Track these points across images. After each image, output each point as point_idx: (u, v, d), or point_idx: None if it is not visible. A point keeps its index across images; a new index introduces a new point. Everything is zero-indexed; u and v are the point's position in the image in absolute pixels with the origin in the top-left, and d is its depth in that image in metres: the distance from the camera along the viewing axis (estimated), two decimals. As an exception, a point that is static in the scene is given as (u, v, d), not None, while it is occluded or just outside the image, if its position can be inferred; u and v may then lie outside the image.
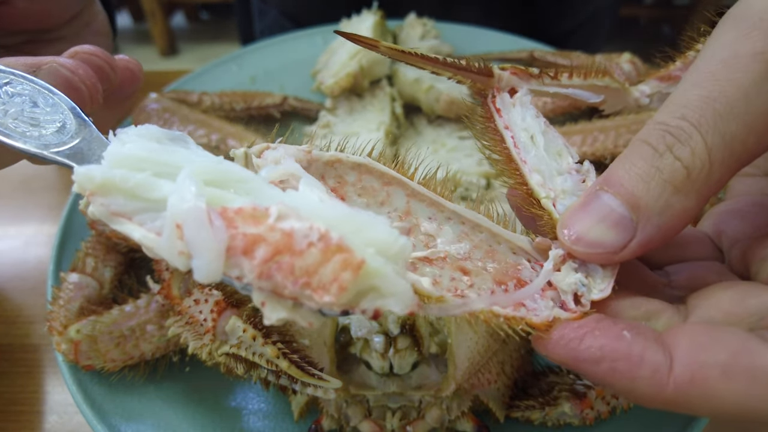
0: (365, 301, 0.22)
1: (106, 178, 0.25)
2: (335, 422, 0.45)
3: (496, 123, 0.33)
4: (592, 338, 0.26)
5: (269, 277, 0.22)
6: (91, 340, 0.48)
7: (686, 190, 0.26)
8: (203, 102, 0.74)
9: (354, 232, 0.23)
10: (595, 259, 0.28)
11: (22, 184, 0.85)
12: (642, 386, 0.24)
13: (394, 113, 0.71)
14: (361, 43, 0.33)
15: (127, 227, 0.24)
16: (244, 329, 0.40)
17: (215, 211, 0.22)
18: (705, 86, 0.26)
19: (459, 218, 0.31)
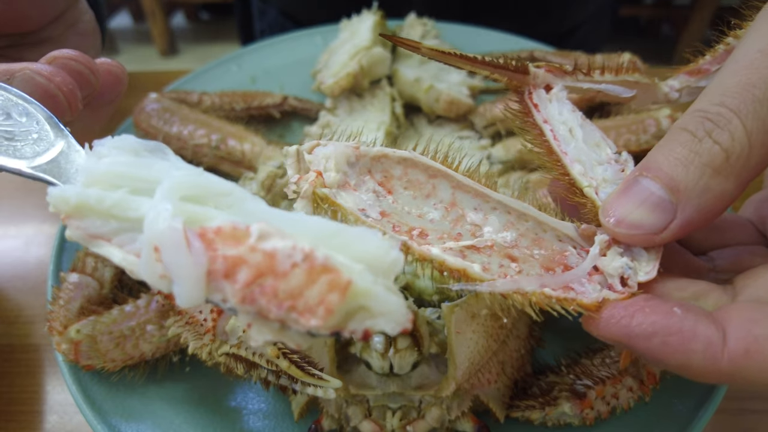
0: (353, 322, 0.21)
1: (81, 201, 0.23)
2: (335, 422, 0.45)
3: (534, 117, 0.34)
4: (642, 315, 0.26)
5: (252, 301, 0.21)
6: (91, 340, 0.48)
7: (726, 172, 0.27)
8: (203, 102, 0.74)
9: (343, 247, 0.22)
10: (637, 241, 0.29)
11: (23, 184, 0.85)
12: (696, 360, 0.25)
13: (394, 113, 0.71)
14: (403, 45, 0.34)
15: (106, 250, 0.24)
16: (244, 329, 0.40)
17: (193, 233, 0.21)
18: (744, 74, 0.27)
19: (505, 208, 0.32)
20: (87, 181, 0.25)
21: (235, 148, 0.64)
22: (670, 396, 0.47)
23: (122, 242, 0.24)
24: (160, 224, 0.21)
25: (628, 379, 0.45)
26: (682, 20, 2.72)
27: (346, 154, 0.31)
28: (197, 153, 0.65)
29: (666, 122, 0.61)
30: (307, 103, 0.79)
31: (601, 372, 0.46)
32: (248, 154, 0.64)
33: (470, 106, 0.70)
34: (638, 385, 0.45)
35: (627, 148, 0.60)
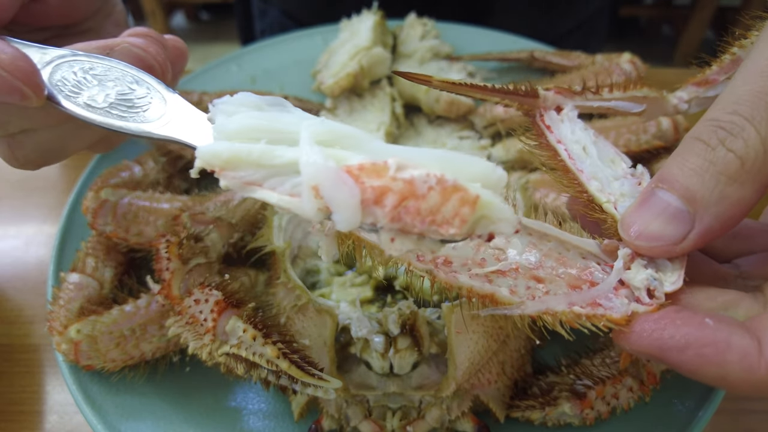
0: (480, 228, 0.25)
1: (232, 154, 0.27)
2: (335, 422, 0.45)
3: (548, 139, 0.35)
4: (674, 327, 0.26)
5: (400, 220, 0.25)
6: (91, 340, 0.48)
7: (741, 179, 0.27)
8: (203, 102, 0.74)
9: (459, 170, 0.26)
10: (658, 253, 0.29)
11: (23, 184, 0.85)
12: (733, 371, 0.24)
13: (394, 113, 0.71)
14: (414, 79, 0.35)
15: (262, 193, 0.27)
16: (244, 329, 0.40)
17: (342, 170, 0.25)
18: (755, 82, 0.27)
19: (526, 230, 0.33)
20: (223, 137, 0.28)
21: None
22: (670, 396, 0.47)
23: (273, 185, 0.27)
24: (317, 166, 0.25)
25: (628, 379, 0.45)
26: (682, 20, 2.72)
27: None
28: (197, 153, 0.65)
29: (666, 123, 0.61)
30: (307, 104, 0.79)
31: (601, 372, 0.46)
32: (248, 154, 0.64)
33: (470, 107, 0.70)
34: (638, 385, 0.45)
35: (627, 148, 0.60)
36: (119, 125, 0.31)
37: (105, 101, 0.31)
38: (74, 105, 0.31)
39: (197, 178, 0.73)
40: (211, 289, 0.44)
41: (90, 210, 0.56)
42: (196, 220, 0.52)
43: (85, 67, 0.32)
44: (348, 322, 0.45)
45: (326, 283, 0.55)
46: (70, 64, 0.32)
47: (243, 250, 0.55)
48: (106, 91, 0.32)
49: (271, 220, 0.54)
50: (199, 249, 0.49)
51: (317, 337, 0.45)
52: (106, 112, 0.31)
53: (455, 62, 0.80)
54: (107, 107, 0.31)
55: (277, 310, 0.49)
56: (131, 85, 0.33)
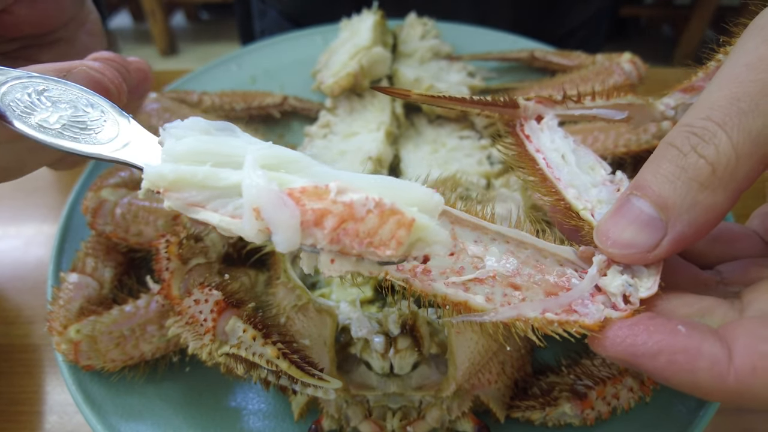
0: (416, 250, 0.27)
1: (177, 176, 0.28)
2: (335, 422, 0.45)
3: (527, 148, 0.35)
4: (647, 334, 0.26)
5: (339, 241, 0.26)
6: (90, 340, 0.48)
7: (713, 186, 0.27)
8: (203, 102, 0.74)
9: (397, 195, 0.27)
10: (631, 260, 0.29)
11: (22, 185, 0.85)
12: (703, 378, 0.24)
13: (395, 113, 0.71)
14: (394, 94, 0.35)
15: (204, 215, 0.28)
16: (244, 329, 0.40)
17: (284, 193, 0.26)
18: (729, 88, 0.27)
19: (503, 238, 0.33)
20: (171, 159, 0.28)
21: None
22: (671, 396, 0.47)
23: (216, 207, 0.28)
24: (259, 188, 0.26)
25: (628, 379, 0.45)
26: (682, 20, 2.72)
27: None
28: (197, 153, 0.64)
29: (666, 124, 0.61)
30: (307, 103, 0.79)
31: (602, 372, 0.46)
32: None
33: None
34: (639, 385, 0.45)
35: (627, 148, 0.60)
36: (70, 147, 0.31)
37: (58, 122, 0.32)
38: (26, 126, 0.31)
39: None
40: (210, 289, 0.43)
41: (89, 210, 0.56)
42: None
43: (39, 89, 0.33)
44: (348, 322, 0.45)
45: (326, 283, 0.54)
46: (24, 86, 0.33)
47: (243, 250, 0.55)
48: (59, 113, 0.32)
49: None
50: (198, 249, 0.49)
51: (317, 337, 0.45)
52: (59, 133, 0.32)
53: (455, 62, 0.80)
54: (60, 128, 0.32)
55: (277, 310, 0.49)
56: (85, 108, 0.33)
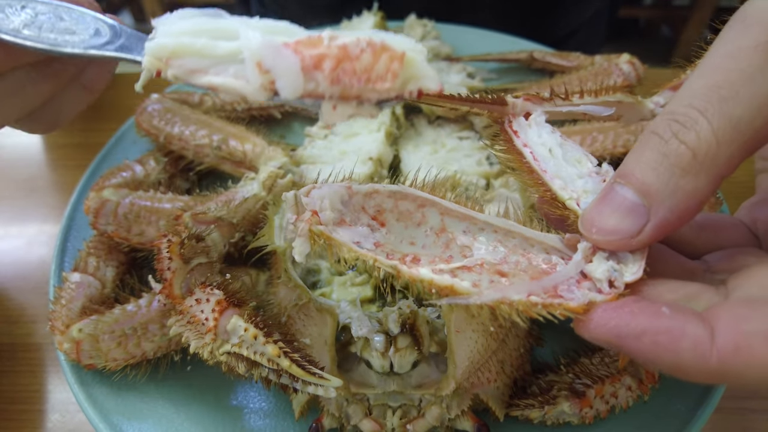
0: (410, 85, 0.29)
1: (177, 44, 0.30)
2: (336, 421, 0.45)
3: (514, 143, 0.36)
4: (631, 316, 0.26)
5: (339, 81, 0.28)
6: (92, 340, 0.48)
7: (694, 171, 0.27)
8: (204, 103, 0.74)
9: (386, 39, 0.28)
10: (615, 246, 0.30)
11: (25, 184, 0.85)
12: (686, 359, 0.25)
13: (395, 113, 0.72)
14: None
15: (208, 79, 0.29)
16: (245, 328, 0.40)
17: (281, 44, 0.28)
18: (710, 76, 0.28)
19: (491, 227, 0.34)
20: (170, 36, 0.30)
21: (237, 148, 0.65)
22: (669, 395, 0.48)
23: (217, 72, 0.30)
24: (259, 42, 0.28)
25: (626, 378, 0.45)
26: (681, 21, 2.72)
27: (340, 193, 0.33)
28: (199, 153, 0.65)
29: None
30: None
31: (600, 371, 0.46)
32: (249, 155, 0.64)
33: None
34: (637, 384, 0.45)
35: (626, 148, 0.60)
36: (53, 49, 0.32)
37: (36, 27, 0.33)
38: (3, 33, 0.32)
39: (198, 179, 0.73)
40: (212, 289, 0.44)
41: (92, 210, 0.56)
42: (198, 219, 0.52)
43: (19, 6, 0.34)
44: (348, 321, 0.46)
45: (327, 283, 0.55)
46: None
47: (244, 250, 0.56)
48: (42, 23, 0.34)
49: (272, 219, 0.54)
50: (200, 249, 0.50)
51: (318, 336, 0.45)
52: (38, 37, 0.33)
53: (455, 63, 0.81)
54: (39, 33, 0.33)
55: (277, 309, 0.49)
56: (70, 18, 0.35)
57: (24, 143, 0.93)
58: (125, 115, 0.76)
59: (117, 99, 0.96)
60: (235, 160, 0.65)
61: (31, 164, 0.89)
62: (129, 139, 0.73)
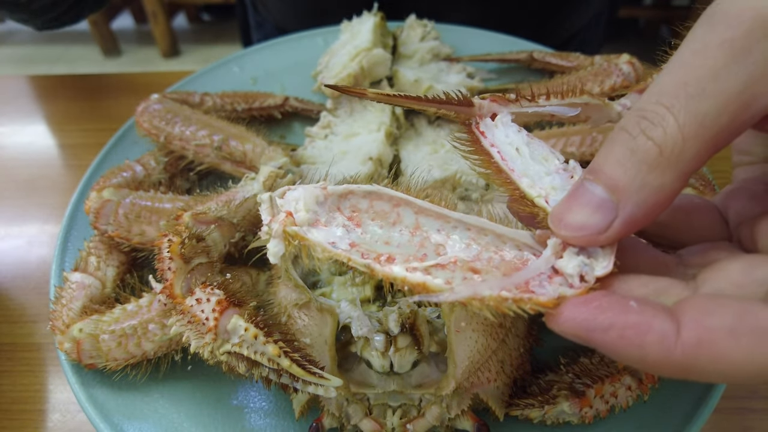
0: None
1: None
2: (336, 420, 0.45)
3: (482, 144, 0.36)
4: (599, 310, 0.27)
5: None
6: (93, 339, 0.49)
7: (661, 167, 0.27)
8: (205, 103, 0.74)
9: None
10: (583, 242, 0.30)
11: (26, 184, 0.85)
12: (651, 352, 0.25)
13: (395, 114, 0.72)
14: (350, 92, 0.37)
15: None
16: (245, 328, 0.41)
17: None
18: (677, 73, 0.28)
19: (464, 225, 0.34)
20: None
21: (237, 148, 0.65)
22: (669, 395, 0.48)
23: None
24: None
25: (626, 377, 0.45)
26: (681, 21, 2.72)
27: (315, 194, 0.34)
28: (199, 153, 0.65)
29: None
30: (308, 104, 0.80)
31: (600, 371, 0.46)
32: (250, 155, 0.64)
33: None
34: (637, 383, 0.45)
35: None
36: None
37: None
38: None
39: (198, 179, 0.73)
40: (212, 289, 0.44)
41: (92, 210, 0.57)
42: (198, 219, 0.52)
43: None
44: (348, 321, 0.46)
45: (327, 283, 0.55)
46: None
47: (244, 250, 0.56)
48: None
49: (272, 220, 0.55)
50: (200, 248, 0.50)
51: (318, 336, 0.45)
52: None
53: (455, 63, 0.81)
54: None
55: (278, 309, 0.49)
56: None
57: (24, 143, 0.93)
58: (126, 115, 0.76)
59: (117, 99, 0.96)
60: (235, 160, 0.65)
61: (31, 164, 0.89)
62: (129, 139, 0.73)
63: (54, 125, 0.96)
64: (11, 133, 0.96)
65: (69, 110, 0.98)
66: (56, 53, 3.39)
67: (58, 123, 0.97)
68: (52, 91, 1.04)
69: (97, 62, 3.29)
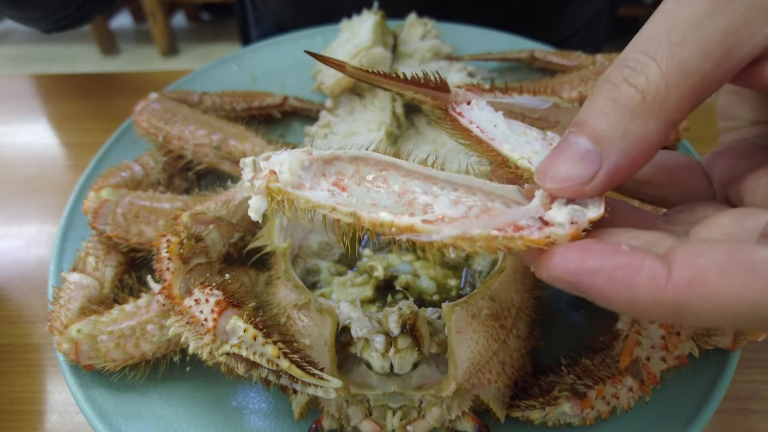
0: None
1: None
2: (336, 422, 0.45)
3: (460, 122, 0.36)
4: (589, 254, 0.26)
5: None
6: (91, 340, 0.48)
7: (644, 114, 0.27)
8: (204, 102, 0.74)
9: None
10: (568, 193, 0.30)
11: (24, 184, 0.85)
12: (641, 294, 0.25)
13: (395, 113, 0.71)
14: (329, 64, 0.36)
15: None
16: (244, 329, 0.40)
17: None
18: (660, 22, 0.28)
19: (452, 185, 0.34)
20: None
21: (236, 147, 0.64)
22: (671, 396, 0.48)
23: None
24: None
25: (628, 378, 0.45)
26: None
27: (300, 158, 0.33)
28: (198, 153, 0.65)
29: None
30: (307, 104, 0.79)
31: (602, 372, 0.46)
32: (249, 154, 0.64)
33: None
34: (638, 385, 0.45)
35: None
36: None
37: None
38: None
39: (197, 178, 0.73)
40: (211, 289, 0.44)
41: (91, 210, 0.56)
42: (197, 219, 0.52)
43: None
44: (348, 321, 0.45)
45: (326, 283, 0.55)
46: None
47: (243, 250, 0.56)
48: None
49: (271, 219, 0.54)
50: (199, 249, 0.49)
51: (317, 337, 0.45)
52: None
53: (455, 62, 0.80)
54: None
55: (277, 309, 0.49)
56: None
57: (22, 143, 0.93)
58: (124, 115, 0.76)
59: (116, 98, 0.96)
60: (234, 159, 0.65)
61: (29, 164, 0.89)
62: (128, 138, 0.73)
63: (52, 125, 0.96)
64: (9, 132, 0.95)
65: (67, 109, 0.98)
66: (54, 52, 3.39)
67: (56, 122, 0.96)
68: (50, 91, 1.04)
69: (96, 61, 3.28)
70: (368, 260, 0.55)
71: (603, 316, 0.49)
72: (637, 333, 0.44)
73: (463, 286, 0.54)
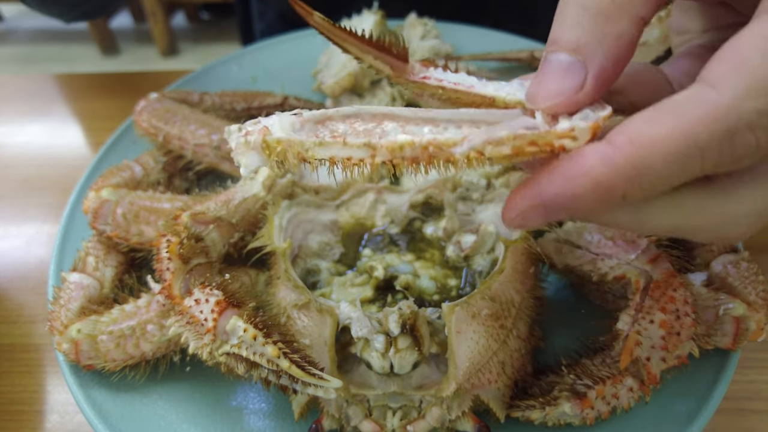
0: None
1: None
2: (336, 422, 0.45)
3: (428, 83, 0.35)
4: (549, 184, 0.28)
5: None
6: (91, 340, 0.48)
7: (616, 15, 0.28)
8: (204, 102, 0.74)
9: None
10: (564, 107, 0.30)
11: (24, 184, 0.85)
12: (596, 172, 0.26)
13: (395, 113, 0.71)
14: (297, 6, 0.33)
15: None
16: (244, 329, 0.40)
17: None
18: None
19: (455, 124, 0.32)
20: None
21: (236, 148, 0.64)
22: (671, 396, 0.48)
23: None
24: None
25: (628, 378, 0.45)
26: (682, 20, 2.72)
27: (291, 120, 0.31)
28: (198, 153, 0.65)
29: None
30: (307, 103, 0.79)
31: (602, 372, 0.46)
32: (249, 154, 0.64)
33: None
34: (638, 385, 0.45)
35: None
36: None
37: None
38: None
39: (197, 178, 0.73)
40: (211, 289, 0.44)
41: (91, 210, 0.56)
42: (197, 219, 0.52)
43: None
44: (348, 321, 0.45)
45: (326, 283, 0.55)
46: None
47: (243, 250, 0.55)
48: None
49: (271, 219, 0.54)
50: (199, 249, 0.49)
51: (317, 337, 0.45)
52: None
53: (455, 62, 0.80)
54: None
55: (277, 309, 0.49)
56: None
57: (22, 143, 0.93)
58: (124, 115, 0.76)
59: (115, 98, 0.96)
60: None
61: (29, 164, 0.89)
62: (128, 138, 0.73)
63: (52, 125, 0.96)
64: (9, 132, 0.95)
65: (67, 110, 0.98)
66: (54, 52, 3.39)
67: (56, 122, 0.96)
68: (50, 91, 1.04)
69: (96, 61, 3.28)
70: (368, 260, 0.56)
71: (603, 316, 0.49)
72: (637, 333, 0.44)
73: (463, 286, 0.54)
